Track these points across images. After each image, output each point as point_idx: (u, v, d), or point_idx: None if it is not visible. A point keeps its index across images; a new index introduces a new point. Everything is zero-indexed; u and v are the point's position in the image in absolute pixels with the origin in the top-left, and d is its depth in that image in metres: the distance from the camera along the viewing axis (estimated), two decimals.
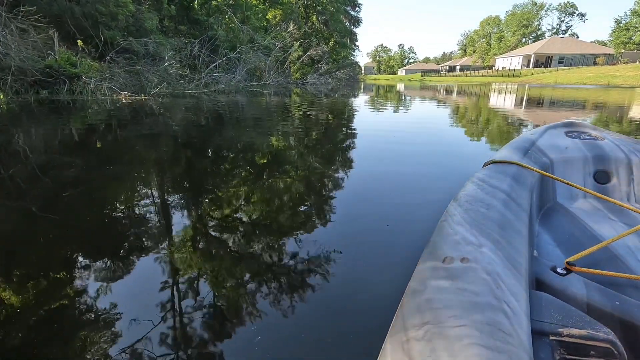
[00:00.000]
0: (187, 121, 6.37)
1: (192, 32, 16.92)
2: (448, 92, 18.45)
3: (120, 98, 9.45)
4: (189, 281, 1.50)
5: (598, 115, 7.98)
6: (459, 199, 1.00)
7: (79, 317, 1.28)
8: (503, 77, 39.59)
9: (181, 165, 3.48)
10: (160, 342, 1.15)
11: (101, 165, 3.30)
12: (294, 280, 1.52)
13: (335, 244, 1.83)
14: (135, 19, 12.84)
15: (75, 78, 9.02)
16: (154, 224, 2.09)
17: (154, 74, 10.88)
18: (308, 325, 1.22)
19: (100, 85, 9.38)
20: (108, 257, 1.68)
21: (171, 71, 11.21)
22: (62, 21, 10.47)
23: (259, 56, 17.96)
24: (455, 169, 3.33)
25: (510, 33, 62.87)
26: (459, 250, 0.71)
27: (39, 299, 1.36)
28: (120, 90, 9.78)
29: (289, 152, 4.09)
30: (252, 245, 1.84)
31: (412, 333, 0.51)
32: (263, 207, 2.39)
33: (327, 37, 34.62)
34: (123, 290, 1.44)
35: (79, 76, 9.07)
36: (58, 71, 8.65)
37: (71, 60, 9.09)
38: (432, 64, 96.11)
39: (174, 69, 11.37)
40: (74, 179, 2.87)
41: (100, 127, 5.50)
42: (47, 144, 4.24)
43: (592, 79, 28.30)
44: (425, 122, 7.24)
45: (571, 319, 0.64)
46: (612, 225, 1.25)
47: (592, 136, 1.75)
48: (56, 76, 8.78)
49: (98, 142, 4.46)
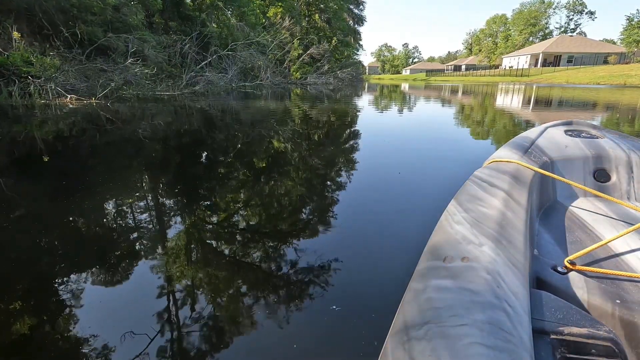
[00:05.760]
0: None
1: (183, 29, 16.00)
2: (453, 92, 18.36)
3: (66, 102, 8.40)
4: (189, 288, 1.48)
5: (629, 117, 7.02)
6: (459, 198, 1.00)
7: (71, 328, 1.26)
8: (511, 77, 38.48)
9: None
10: (158, 352, 1.14)
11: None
12: (294, 281, 1.54)
13: (335, 244, 1.87)
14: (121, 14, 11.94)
15: (26, 78, 8.00)
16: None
17: (118, 74, 9.72)
18: (308, 326, 1.25)
19: (45, 87, 8.27)
20: (105, 268, 1.65)
21: (135, 70, 10.05)
22: (32, 15, 9.58)
23: (253, 54, 16.99)
24: (461, 170, 3.33)
25: (517, 32, 61.55)
26: (459, 250, 0.71)
27: (28, 315, 1.32)
28: (73, 93, 8.66)
29: (289, 154, 3.92)
30: (262, 246, 1.87)
31: (412, 332, 0.51)
32: (260, 200, 2.45)
33: (329, 36, 33.59)
34: (119, 300, 1.42)
35: (32, 76, 8.06)
36: (9, 70, 7.65)
37: (25, 57, 8.05)
38: (437, 63, 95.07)
39: (138, 67, 10.23)
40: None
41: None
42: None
43: (606, 79, 27.15)
44: (430, 122, 7.02)
45: (572, 318, 0.65)
46: (613, 224, 1.21)
47: (592, 135, 1.74)
48: (7, 75, 7.75)
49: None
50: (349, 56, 35.61)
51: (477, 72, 52.90)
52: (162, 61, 12.71)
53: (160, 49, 13.08)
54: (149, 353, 1.14)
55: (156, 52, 12.16)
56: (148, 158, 3.91)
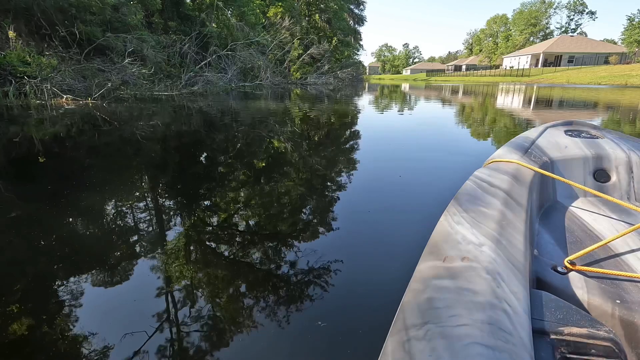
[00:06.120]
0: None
1: (183, 29, 15.94)
2: (454, 92, 18.32)
3: (61, 102, 8.28)
4: (188, 288, 1.47)
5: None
6: (459, 198, 0.99)
7: (71, 328, 1.25)
8: (512, 77, 38.38)
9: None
10: (157, 353, 1.14)
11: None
12: (293, 281, 1.52)
13: (335, 244, 1.86)
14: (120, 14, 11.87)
15: (22, 78, 7.89)
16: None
17: (115, 74, 9.59)
18: (308, 325, 1.24)
19: (41, 87, 8.14)
20: (104, 269, 1.63)
21: (133, 70, 9.96)
22: (30, 14, 9.52)
23: (253, 54, 16.92)
24: (461, 170, 3.30)
25: (517, 32, 61.39)
26: (459, 250, 0.71)
27: (28, 315, 1.32)
28: (70, 93, 8.52)
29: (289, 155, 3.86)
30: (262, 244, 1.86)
31: (412, 332, 0.51)
32: (260, 201, 2.43)
33: (330, 36, 33.51)
34: (118, 301, 1.41)
35: (28, 76, 7.95)
36: (5, 70, 7.56)
37: (21, 57, 7.98)
38: (438, 63, 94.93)
39: (136, 67, 10.13)
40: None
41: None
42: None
43: (607, 79, 27.06)
44: (429, 122, 6.97)
45: (572, 318, 0.64)
46: (613, 224, 1.21)
47: (592, 135, 1.73)
48: (3, 75, 7.67)
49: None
50: (349, 56, 35.52)
51: (477, 73, 52.83)
52: (161, 61, 12.65)
53: (159, 48, 13.02)
54: (148, 353, 1.14)
55: (155, 52, 12.09)
56: (143, 159, 3.85)
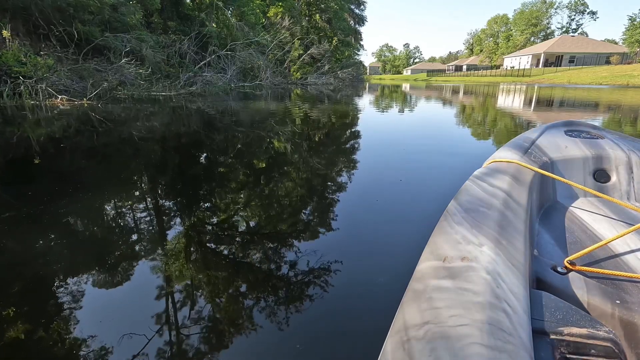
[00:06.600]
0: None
1: (182, 29, 15.86)
2: (454, 92, 18.28)
3: (56, 103, 8.17)
4: (188, 289, 1.47)
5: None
6: (459, 198, 0.99)
7: (71, 329, 1.25)
8: (512, 77, 38.25)
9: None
10: (157, 353, 1.13)
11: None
12: (293, 281, 1.52)
13: (335, 244, 1.85)
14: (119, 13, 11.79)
15: (17, 78, 7.80)
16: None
17: (112, 74, 9.48)
18: (308, 326, 1.24)
19: (36, 87, 8.01)
20: (104, 269, 1.61)
21: (130, 70, 9.87)
22: (28, 14, 9.45)
23: (253, 54, 16.84)
24: (461, 170, 3.29)
25: (518, 32, 61.25)
26: (459, 250, 0.71)
27: (28, 316, 1.31)
28: (66, 93, 8.42)
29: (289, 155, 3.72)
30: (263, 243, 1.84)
31: (412, 332, 0.51)
32: (260, 201, 2.42)
33: (330, 36, 33.43)
34: (117, 302, 1.40)
35: (23, 76, 7.86)
36: (1, 69, 7.46)
37: (17, 57, 7.87)
38: (438, 63, 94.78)
39: (133, 67, 10.04)
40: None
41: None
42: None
43: (608, 79, 26.94)
44: (430, 122, 6.97)
45: (572, 318, 0.64)
46: (612, 224, 1.20)
47: (592, 135, 1.73)
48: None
49: None
50: (349, 56, 35.45)
51: (478, 73, 52.66)
52: (160, 61, 12.57)
53: (158, 48, 12.94)
54: (148, 354, 1.14)
55: (154, 52, 12.01)
56: (140, 160, 3.78)
